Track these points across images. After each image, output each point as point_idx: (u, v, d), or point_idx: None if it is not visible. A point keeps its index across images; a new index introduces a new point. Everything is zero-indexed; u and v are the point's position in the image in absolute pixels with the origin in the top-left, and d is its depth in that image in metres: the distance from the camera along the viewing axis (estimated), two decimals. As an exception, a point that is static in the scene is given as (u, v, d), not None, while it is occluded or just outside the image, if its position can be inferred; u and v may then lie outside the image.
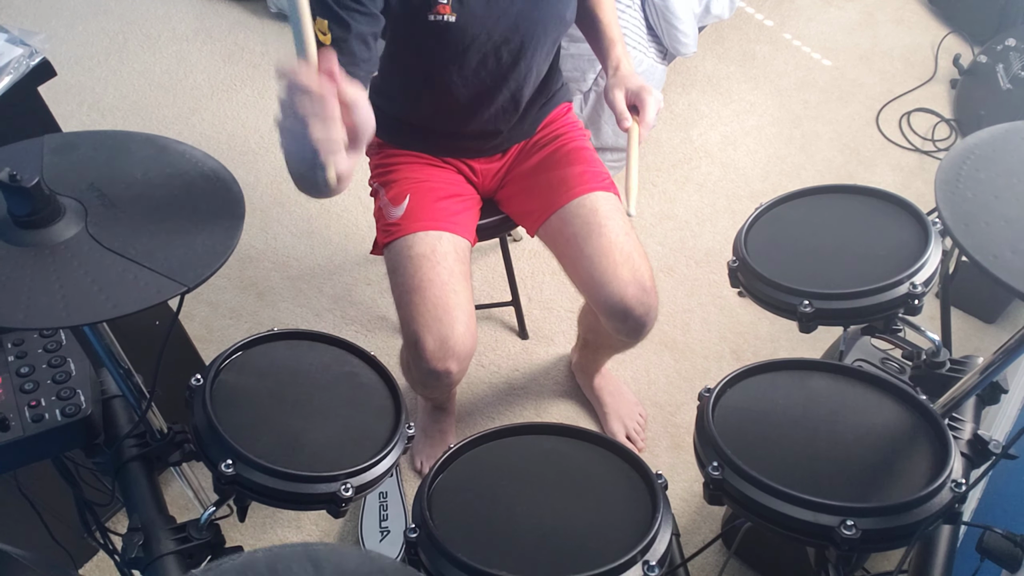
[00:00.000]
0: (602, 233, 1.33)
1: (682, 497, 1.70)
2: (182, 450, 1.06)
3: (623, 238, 1.34)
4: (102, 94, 2.56)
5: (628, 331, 1.35)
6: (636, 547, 0.86)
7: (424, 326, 1.25)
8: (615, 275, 1.30)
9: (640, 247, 1.36)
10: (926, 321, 1.14)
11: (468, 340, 1.27)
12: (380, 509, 1.63)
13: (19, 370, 1.00)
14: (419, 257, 1.30)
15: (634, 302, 1.30)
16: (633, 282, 1.31)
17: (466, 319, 1.27)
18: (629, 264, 1.32)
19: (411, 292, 1.28)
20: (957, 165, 0.92)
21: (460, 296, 1.28)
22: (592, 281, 1.32)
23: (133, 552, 0.94)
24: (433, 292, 1.26)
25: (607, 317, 1.34)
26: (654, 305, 1.34)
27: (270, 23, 2.79)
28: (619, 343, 1.53)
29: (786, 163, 2.38)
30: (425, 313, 1.26)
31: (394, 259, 1.33)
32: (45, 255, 0.80)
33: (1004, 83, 2.40)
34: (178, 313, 0.89)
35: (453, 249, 1.33)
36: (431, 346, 1.25)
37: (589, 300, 1.38)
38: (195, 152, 0.93)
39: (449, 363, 1.25)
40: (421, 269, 1.29)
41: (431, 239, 1.32)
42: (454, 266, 1.30)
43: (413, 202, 1.36)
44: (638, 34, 2.08)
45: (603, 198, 1.37)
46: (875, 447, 0.94)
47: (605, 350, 1.67)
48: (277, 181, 2.30)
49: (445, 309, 1.25)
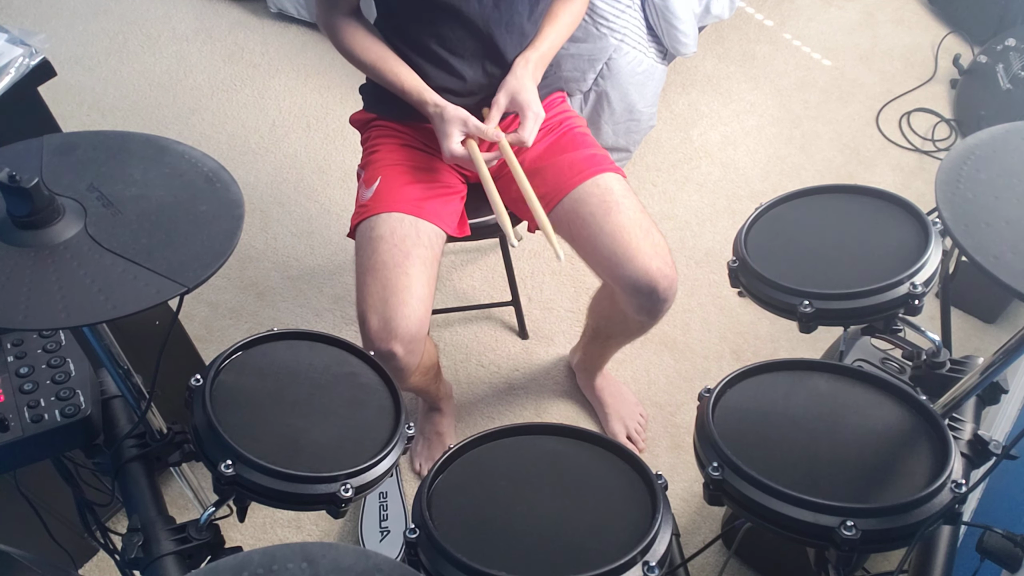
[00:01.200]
0: (620, 211, 1.34)
1: (682, 497, 1.70)
2: (182, 450, 1.06)
3: (640, 215, 1.35)
4: (102, 94, 2.56)
5: (651, 308, 1.36)
6: (636, 547, 0.86)
7: (371, 306, 1.27)
8: (639, 250, 1.31)
9: (656, 224, 1.37)
10: (926, 321, 1.14)
11: (413, 323, 1.27)
12: (380, 509, 1.63)
13: (18, 370, 1.00)
14: (378, 238, 1.31)
15: (659, 275, 1.31)
16: (656, 256, 1.31)
17: (415, 303, 1.28)
18: (650, 239, 1.33)
19: (365, 272, 1.30)
20: (957, 165, 0.92)
21: (412, 279, 1.29)
22: (615, 258, 1.32)
23: (133, 552, 0.94)
24: (384, 273, 1.28)
25: (631, 294, 1.34)
26: (675, 280, 1.35)
27: (270, 23, 2.79)
28: (635, 327, 1.52)
29: (786, 163, 2.38)
30: (373, 294, 1.27)
31: (359, 240, 1.36)
32: (44, 256, 0.80)
33: (1004, 83, 2.40)
34: (178, 313, 0.89)
35: (415, 233, 1.33)
36: (375, 326, 1.26)
37: (611, 279, 1.37)
38: (195, 152, 0.93)
39: (392, 344, 1.26)
40: (377, 251, 1.30)
41: (392, 221, 1.33)
42: (412, 249, 1.31)
43: (382, 184, 1.38)
44: (638, 34, 2.08)
45: (615, 178, 1.39)
46: (875, 447, 0.94)
47: (616, 339, 1.66)
48: (277, 181, 2.30)
49: (393, 291, 1.27)
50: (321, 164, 2.35)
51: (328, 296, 2.04)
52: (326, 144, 2.41)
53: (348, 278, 2.07)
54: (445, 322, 1.99)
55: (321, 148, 2.39)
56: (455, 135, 1.32)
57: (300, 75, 2.61)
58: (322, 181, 2.30)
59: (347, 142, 2.40)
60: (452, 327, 1.99)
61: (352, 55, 1.39)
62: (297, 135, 2.43)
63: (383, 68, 1.36)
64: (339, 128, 2.44)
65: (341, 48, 1.39)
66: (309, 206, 2.24)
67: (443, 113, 1.32)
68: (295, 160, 2.36)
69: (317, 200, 2.25)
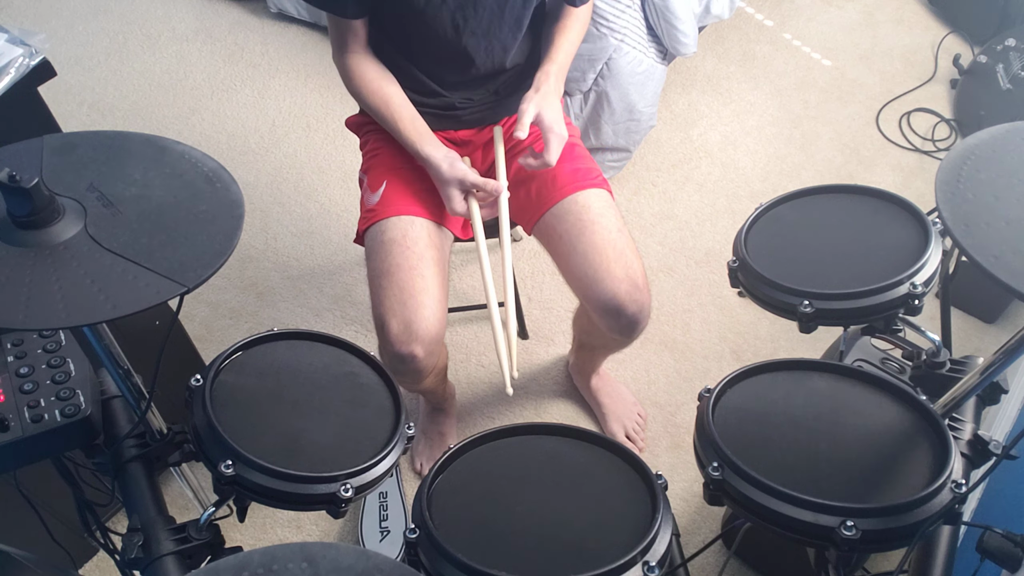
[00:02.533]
0: (595, 231, 1.33)
1: (682, 497, 1.70)
2: (182, 450, 1.06)
3: (615, 235, 1.34)
4: (102, 94, 2.56)
5: (620, 329, 1.35)
6: (636, 547, 0.86)
7: (389, 309, 1.27)
8: (608, 272, 1.31)
9: (633, 244, 1.36)
10: (926, 321, 1.14)
11: (433, 325, 1.28)
12: (380, 509, 1.63)
13: (19, 370, 1.00)
14: (390, 242, 1.31)
15: (627, 299, 1.30)
16: (626, 279, 1.31)
17: (433, 304, 1.28)
18: (622, 261, 1.32)
19: (380, 276, 1.30)
20: (957, 165, 0.92)
21: (428, 281, 1.29)
22: (585, 279, 1.32)
23: (133, 552, 0.94)
24: (400, 276, 1.28)
25: (600, 315, 1.34)
26: (647, 303, 1.34)
27: (270, 23, 2.79)
28: (613, 343, 1.53)
29: (786, 163, 2.38)
30: (391, 297, 1.27)
31: (369, 245, 1.36)
32: (45, 256, 0.80)
33: (1004, 83, 2.40)
34: (178, 313, 0.89)
35: (426, 235, 1.34)
36: (395, 329, 1.26)
37: (582, 298, 1.38)
38: (195, 152, 0.93)
39: (414, 347, 1.26)
40: (391, 254, 1.30)
41: (403, 224, 1.33)
42: (424, 251, 1.31)
43: (389, 188, 1.38)
44: (638, 34, 2.08)
45: (595, 195, 1.37)
46: (875, 447, 0.94)
47: (600, 351, 1.67)
48: (277, 181, 2.30)
49: (411, 293, 1.27)
50: (321, 164, 2.35)
51: (328, 296, 2.04)
52: (326, 144, 2.41)
53: (348, 278, 2.07)
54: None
55: (321, 148, 2.39)
56: (455, 197, 1.32)
57: (300, 75, 2.61)
58: (322, 181, 2.30)
59: (347, 142, 2.40)
60: (452, 327, 1.99)
61: (359, 96, 1.38)
62: (297, 135, 2.43)
63: (385, 113, 1.35)
64: (339, 128, 2.44)
65: (350, 88, 1.38)
66: (309, 206, 2.24)
67: (440, 174, 1.32)
68: (295, 160, 2.36)
69: (317, 200, 2.25)
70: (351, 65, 1.35)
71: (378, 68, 1.37)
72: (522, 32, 1.37)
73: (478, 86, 1.42)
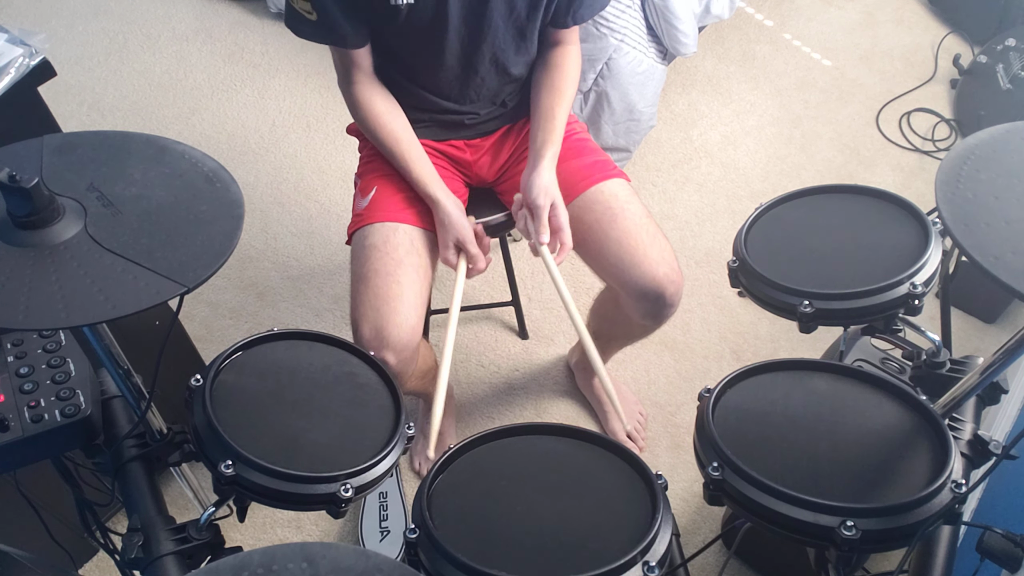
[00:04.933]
0: (626, 216, 1.34)
1: (682, 497, 1.70)
2: (182, 450, 1.06)
3: (646, 220, 1.36)
4: (102, 94, 2.56)
5: (656, 313, 1.37)
6: (636, 547, 0.86)
7: (363, 315, 1.27)
8: (645, 255, 1.31)
9: (661, 230, 1.37)
10: (926, 321, 1.14)
11: (405, 332, 1.27)
12: (380, 509, 1.63)
13: (19, 370, 1.00)
14: (370, 247, 1.32)
15: (666, 281, 1.31)
16: (663, 262, 1.32)
17: (407, 311, 1.28)
18: (656, 245, 1.33)
19: (358, 281, 1.31)
20: (957, 165, 0.92)
21: (404, 288, 1.29)
22: (621, 264, 1.33)
23: (133, 552, 0.94)
24: (376, 282, 1.28)
25: (638, 300, 1.35)
26: (682, 284, 1.35)
27: (270, 23, 2.79)
28: (638, 331, 1.53)
29: (786, 163, 2.38)
30: (365, 303, 1.28)
31: (353, 249, 1.37)
32: (44, 256, 0.80)
33: (1004, 83, 2.40)
34: (178, 313, 0.89)
35: (408, 241, 1.34)
36: (367, 335, 1.26)
37: (618, 285, 1.38)
38: (195, 152, 0.93)
39: (384, 353, 1.26)
40: (370, 259, 1.31)
41: (386, 230, 1.33)
42: (404, 258, 1.31)
43: (378, 194, 1.38)
44: (638, 34, 2.08)
45: (619, 184, 1.40)
46: (875, 447, 0.94)
47: (617, 341, 1.66)
48: (277, 181, 2.30)
49: (385, 299, 1.27)
50: (321, 164, 2.35)
51: (328, 296, 2.04)
52: (326, 144, 2.41)
53: (347, 278, 2.06)
54: (446, 322, 1.98)
55: (321, 148, 2.40)
56: (451, 248, 1.33)
57: (300, 75, 2.61)
58: (322, 181, 2.30)
59: (347, 142, 2.40)
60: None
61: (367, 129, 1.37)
62: (297, 135, 2.43)
63: (395, 151, 1.35)
64: (339, 128, 2.44)
65: (357, 119, 1.38)
66: (309, 206, 2.24)
67: (448, 219, 1.32)
68: (295, 160, 2.36)
69: (317, 200, 2.25)
70: (358, 97, 1.35)
71: (385, 100, 1.37)
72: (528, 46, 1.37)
73: (485, 100, 1.42)
